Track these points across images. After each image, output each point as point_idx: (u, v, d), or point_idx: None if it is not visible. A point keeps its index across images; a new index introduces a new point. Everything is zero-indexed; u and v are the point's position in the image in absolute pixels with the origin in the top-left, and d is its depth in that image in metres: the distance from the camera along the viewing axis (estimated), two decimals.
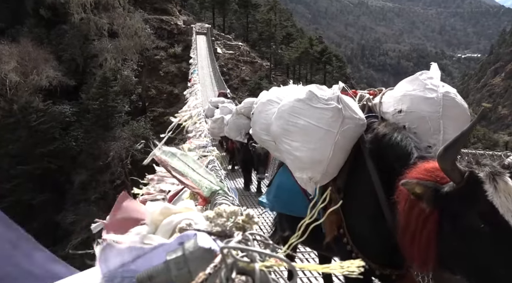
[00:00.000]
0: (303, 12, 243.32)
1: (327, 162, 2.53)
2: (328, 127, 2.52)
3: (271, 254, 0.66)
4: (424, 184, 1.92)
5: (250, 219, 0.77)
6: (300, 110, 2.65)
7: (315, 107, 2.59)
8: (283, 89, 3.42)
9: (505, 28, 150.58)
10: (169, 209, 1.02)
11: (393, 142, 2.39)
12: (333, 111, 2.53)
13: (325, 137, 2.52)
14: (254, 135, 3.55)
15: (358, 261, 0.66)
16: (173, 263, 0.75)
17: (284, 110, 2.76)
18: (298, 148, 2.62)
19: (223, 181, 1.95)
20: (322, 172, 2.57)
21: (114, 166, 28.70)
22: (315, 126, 2.55)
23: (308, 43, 53.43)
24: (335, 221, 2.59)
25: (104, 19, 36.90)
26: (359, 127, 2.61)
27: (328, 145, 2.52)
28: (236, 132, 8.97)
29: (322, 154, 2.53)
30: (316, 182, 2.63)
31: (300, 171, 2.68)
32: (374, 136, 2.54)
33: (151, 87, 38.73)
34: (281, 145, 2.79)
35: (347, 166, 2.65)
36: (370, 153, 2.50)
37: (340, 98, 2.58)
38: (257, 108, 3.43)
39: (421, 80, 2.72)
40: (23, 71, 31.20)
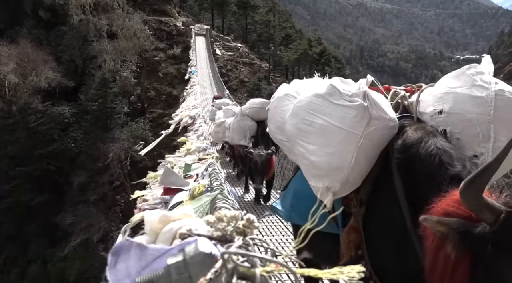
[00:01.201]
0: (302, 14, 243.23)
1: (348, 170, 2.16)
2: (351, 129, 2.15)
3: (271, 259, 0.66)
4: (448, 224, 1.55)
5: (251, 224, 0.76)
6: (318, 108, 2.27)
7: (336, 104, 2.21)
8: (305, 82, 3.01)
9: (503, 29, 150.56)
10: (168, 216, 1.01)
11: (423, 153, 1.98)
12: (357, 110, 2.15)
13: (346, 140, 2.15)
14: (270, 134, 3.17)
15: (359, 267, 0.66)
16: (174, 267, 0.75)
17: (300, 107, 2.39)
18: (314, 152, 2.25)
19: (223, 184, 1.95)
20: (341, 181, 2.19)
21: (113, 167, 28.63)
22: (336, 127, 2.18)
23: (307, 44, 53.38)
24: (354, 239, 2.28)
25: (103, 20, 36.84)
26: (389, 129, 2.22)
27: (350, 149, 2.14)
28: (240, 135, 8.03)
29: (342, 159, 2.16)
30: (334, 192, 2.25)
31: (316, 178, 2.31)
32: (402, 142, 2.14)
33: (150, 88, 38.68)
34: (295, 147, 2.45)
35: (372, 176, 2.26)
36: (398, 163, 2.08)
37: (367, 94, 2.19)
38: (273, 104, 3.04)
39: (469, 76, 2.26)
40: (22, 72, 31.13)
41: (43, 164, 28.53)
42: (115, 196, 28.84)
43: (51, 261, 25.89)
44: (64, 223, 26.51)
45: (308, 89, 2.50)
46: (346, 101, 2.19)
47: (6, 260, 26.50)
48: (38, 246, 26.80)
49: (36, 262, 26.31)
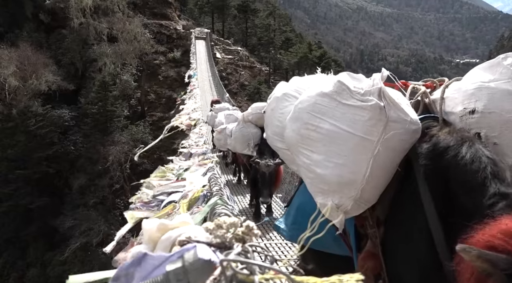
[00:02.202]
0: (302, 17, 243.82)
1: (362, 184, 1.80)
2: (365, 134, 1.80)
3: (270, 266, 0.66)
4: (494, 261, 1.23)
5: (250, 231, 0.76)
6: (324, 109, 1.92)
7: (346, 104, 1.86)
8: (306, 79, 2.58)
9: (503, 33, 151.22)
10: (166, 225, 1.00)
11: (462, 162, 1.61)
12: (372, 111, 1.80)
13: (359, 148, 1.80)
14: (268, 141, 2.75)
15: (358, 275, 0.66)
16: (173, 274, 0.74)
17: (303, 109, 2.02)
18: (321, 163, 1.89)
19: (223, 189, 1.94)
20: (354, 198, 1.84)
21: (113, 170, 28.62)
22: (346, 133, 1.83)
23: (307, 48, 53.54)
24: (372, 267, 1.93)
25: (104, 23, 36.91)
26: (410, 134, 1.84)
27: (364, 159, 1.79)
28: (243, 144, 7.30)
29: (354, 171, 1.80)
30: (345, 211, 1.89)
31: (323, 195, 1.93)
32: (431, 148, 1.77)
33: (150, 91, 38.71)
34: (297, 157, 2.06)
35: (391, 190, 1.90)
36: (426, 173, 1.73)
37: (383, 92, 1.83)
38: (270, 105, 2.62)
39: (506, 67, 1.86)
40: (22, 75, 31.15)
41: (42, 167, 28.53)
42: (115, 199, 28.81)
43: (51, 265, 25.83)
44: (63, 226, 26.47)
45: (311, 88, 2.13)
46: (358, 101, 1.84)
47: (5, 264, 26.45)
48: (37, 250, 26.76)
49: (35, 266, 26.25)
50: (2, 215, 26.77)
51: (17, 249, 26.82)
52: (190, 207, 2.71)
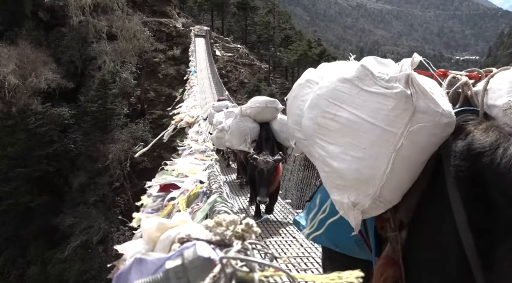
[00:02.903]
0: (302, 15, 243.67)
1: (382, 180, 1.60)
2: (387, 125, 1.60)
3: (270, 264, 0.66)
4: None
5: (250, 228, 0.76)
6: (344, 96, 1.72)
7: (368, 91, 1.67)
8: (335, 64, 2.33)
9: (503, 30, 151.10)
10: (165, 224, 0.99)
11: (503, 165, 1.34)
12: (397, 99, 1.59)
13: (380, 140, 1.61)
14: (289, 131, 2.59)
15: (357, 272, 0.66)
16: (173, 272, 0.75)
17: (321, 96, 1.82)
18: (337, 155, 1.71)
19: (222, 187, 1.93)
20: (373, 196, 1.64)
21: (113, 168, 28.66)
22: (367, 123, 1.63)
23: (307, 45, 53.47)
24: (392, 275, 1.72)
25: (103, 21, 36.88)
26: (441, 128, 1.60)
27: (385, 153, 1.59)
28: (240, 139, 6.77)
29: (374, 166, 1.61)
30: (362, 210, 1.70)
31: (339, 191, 1.76)
32: (466, 147, 1.50)
33: (150, 89, 38.72)
34: (313, 148, 1.88)
35: (417, 190, 1.67)
36: (458, 176, 1.47)
37: (412, 79, 1.62)
38: (292, 93, 2.39)
39: None
40: (21, 73, 31.15)
41: (42, 165, 28.56)
42: (115, 197, 28.88)
43: (51, 263, 25.89)
44: (63, 224, 26.52)
45: (333, 73, 1.91)
46: (381, 88, 1.65)
47: (6, 262, 26.50)
48: (37, 248, 26.81)
49: (36, 264, 26.31)
50: (2, 213, 26.81)
51: (18, 247, 26.87)
52: (189, 204, 2.71)
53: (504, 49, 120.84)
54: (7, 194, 26.87)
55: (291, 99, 2.37)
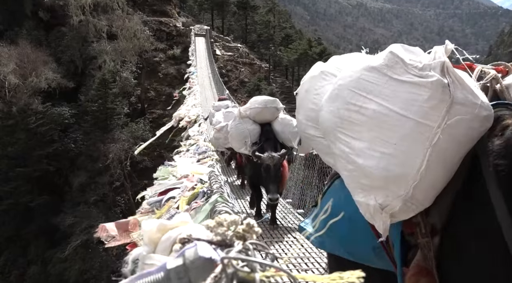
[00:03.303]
0: (302, 14, 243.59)
1: (415, 180, 1.43)
2: (422, 118, 1.44)
3: (271, 264, 0.67)
4: None
5: (251, 228, 0.76)
6: (371, 86, 1.56)
7: (399, 80, 1.51)
8: (351, 56, 2.21)
9: (503, 29, 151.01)
10: (165, 225, 0.99)
11: None
12: (433, 89, 1.44)
13: (414, 135, 1.45)
14: (299, 128, 2.35)
15: (358, 272, 0.66)
16: (174, 272, 0.75)
17: (344, 86, 1.66)
18: (363, 152, 1.55)
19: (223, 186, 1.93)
20: (404, 197, 1.46)
21: (113, 167, 28.68)
22: (397, 115, 1.48)
23: (307, 44, 53.46)
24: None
25: (103, 21, 36.89)
26: (480, 121, 1.44)
27: (419, 149, 1.43)
28: (240, 142, 6.46)
29: (406, 164, 1.45)
30: (392, 213, 1.52)
31: (364, 192, 1.59)
32: (505, 143, 1.38)
33: (150, 89, 38.71)
34: (334, 144, 1.71)
35: (452, 191, 1.50)
36: (499, 174, 1.33)
37: (447, 67, 1.48)
38: (303, 86, 2.22)
39: None
40: (22, 73, 31.18)
41: (43, 165, 28.58)
42: (116, 197, 28.89)
43: (51, 262, 25.92)
44: (64, 224, 26.54)
45: (356, 62, 1.76)
46: (414, 77, 1.49)
47: (6, 262, 26.53)
48: (38, 247, 26.83)
49: (36, 263, 26.34)
50: (3, 213, 26.84)
51: (18, 247, 26.90)
52: (189, 202, 2.71)
53: (504, 48, 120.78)
54: (8, 194, 26.90)
55: (303, 94, 2.19)
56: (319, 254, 5.06)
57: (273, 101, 6.48)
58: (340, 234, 1.94)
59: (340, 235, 1.95)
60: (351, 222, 1.83)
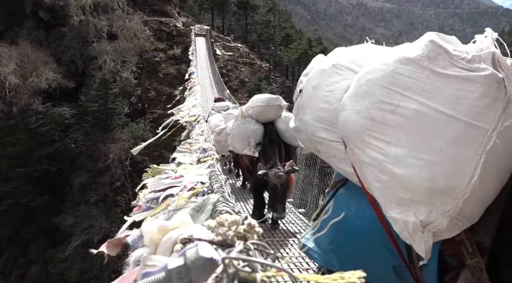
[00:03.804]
0: (302, 13, 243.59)
1: (465, 192, 1.23)
2: (473, 119, 1.23)
3: (272, 264, 0.67)
4: None
5: (252, 228, 0.77)
6: (409, 82, 1.34)
7: (444, 74, 1.30)
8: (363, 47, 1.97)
9: (503, 28, 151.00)
10: (166, 226, 0.98)
11: None
12: (485, 85, 1.24)
13: (464, 139, 1.24)
14: (304, 131, 1.99)
15: (360, 272, 0.66)
16: (175, 272, 0.75)
17: (374, 81, 1.43)
18: (402, 159, 1.32)
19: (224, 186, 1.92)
20: (451, 213, 1.25)
21: (113, 167, 28.68)
22: (443, 116, 1.27)
23: (307, 44, 53.41)
24: None
25: (103, 21, 36.88)
26: None
27: (470, 155, 1.23)
28: (242, 143, 6.13)
29: (455, 173, 1.24)
30: (436, 231, 1.30)
31: (400, 207, 1.35)
32: None
33: (150, 89, 38.71)
34: (360, 150, 1.47)
35: (501, 203, 1.32)
36: None
37: (499, 59, 1.30)
38: (310, 82, 1.93)
39: None
40: (22, 73, 31.18)
41: (43, 165, 28.59)
42: (116, 197, 28.89)
43: (52, 262, 25.93)
44: (64, 224, 26.56)
45: (385, 53, 1.51)
46: (462, 70, 1.28)
47: (7, 262, 26.54)
48: (39, 247, 26.84)
49: (37, 263, 26.35)
50: (3, 213, 26.84)
51: (19, 247, 26.91)
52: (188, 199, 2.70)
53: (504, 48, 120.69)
54: (8, 194, 26.90)
55: (310, 90, 1.88)
56: None
57: (275, 99, 6.17)
58: (350, 251, 1.72)
59: (350, 253, 1.71)
60: (365, 238, 1.62)
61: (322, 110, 1.79)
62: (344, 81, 1.69)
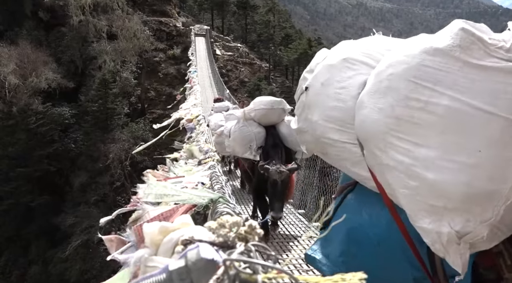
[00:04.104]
0: (302, 13, 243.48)
1: (509, 198, 1.11)
2: None
3: (273, 266, 0.67)
4: None
5: (253, 230, 0.77)
6: (439, 75, 1.20)
7: (479, 66, 1.17)
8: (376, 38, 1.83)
9: (503, 28, 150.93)
10: (167, 227, 0.98)
11: None
12: None
13: (505, 137, 1.12)
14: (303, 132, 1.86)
15: (361, 274, 0.66)
16: (176, 273, 0.75)
17: (398, 75, 1.29)
18: (433, 163, 1.19)
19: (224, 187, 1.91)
20: (491, 220, 1.13)
21: (113, 167, 28.68)
22: (481, 112, 1.14)
23: (307, 44, 53.37)
24: None
25: (103, 21, 36.86)
26: None
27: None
28: (243, 146, 5.89)
29: (496, 177, 1.12)
30: (473, 242, 1.18)
31: (432, 216, 1.21)
32: None
33: (150, 89, 38.69)
34: (383, 153, 1.32)
35: None
36: None
37: None
38: (317, 79, 1.73)
39: None
40: (22, 73, 31.17)
41: (43, 165, 28.59)
42: (116, 197, 28.86)
43: (52, 262, 25.93)
44: (64, 224, 26.56)
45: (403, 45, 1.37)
46: (501, 61, 1.15)
47: (7, 262, 26.54)
48: (39, 247, 26.84)
49: (37, 263, 26.34)
50: (3, 213, 26.83)
51: (19, 247, 26.91)
52: None
53: None
54: (8, 194, 26.90)
55: (318, 87, 1.69)
56: None
57: (279, 102, 5.93)
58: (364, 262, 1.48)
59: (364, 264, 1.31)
60: (381, 247, 1.45)
61: (333, 109, 1.60)
62: (358, 76, 1.52)
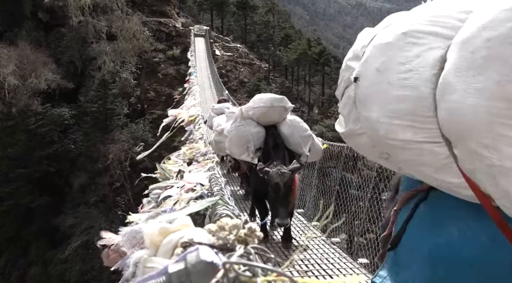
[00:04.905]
0: (301, 14, 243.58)
1: None
2: None
3: (273, 269, 0.67)
4: None
5: (252, 232, 0.77)
6: None
7: None
8: (434, 3, 1.19)
9: None
10: (167, 228, 0.98)
11: None
12: None
13: None
14: (356, 135, 1.37)
15: (360, 277, 0.66)
16: (176, 276, 0.75)
17: (498, 40, 0.85)
18: None
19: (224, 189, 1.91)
20: None
21: (113, 168, 28.68)
22: None
23: (307, 44, 53.37)
24: None
25: (103, 22, 36.86)
26: None
27: None
28: (241, 147, 5.37)
29: None
30: None
31: None
32: None
33: (149, 89, 38.68)
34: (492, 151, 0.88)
35: None
36: None
37: None
38: (370, 64, 1.23)
39: None
40: (21, 74, 31.17)
41: (43, 166, 28.58)
42: (116, 197, 28.88)
43: (52, 263, 25.92)
44: (64, 224, 26.56)
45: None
46: None
47: (7, 263, 26.54)
48: (38, 248, 26.84)
49: (37, 264, 26.34)
50: (3, 214, 26.83)
51: (19, 247, 26.91)
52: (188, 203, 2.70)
53: None
54: (8, 195, 26.90)
55: (373, 76, 1.21)
56: (321, 258, 5.02)
57: (280, 99, 5.42)
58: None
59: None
60: (477, 270, 1.04)
61: (399, 100, 1.12)
62: (429, 52, 1.07)
